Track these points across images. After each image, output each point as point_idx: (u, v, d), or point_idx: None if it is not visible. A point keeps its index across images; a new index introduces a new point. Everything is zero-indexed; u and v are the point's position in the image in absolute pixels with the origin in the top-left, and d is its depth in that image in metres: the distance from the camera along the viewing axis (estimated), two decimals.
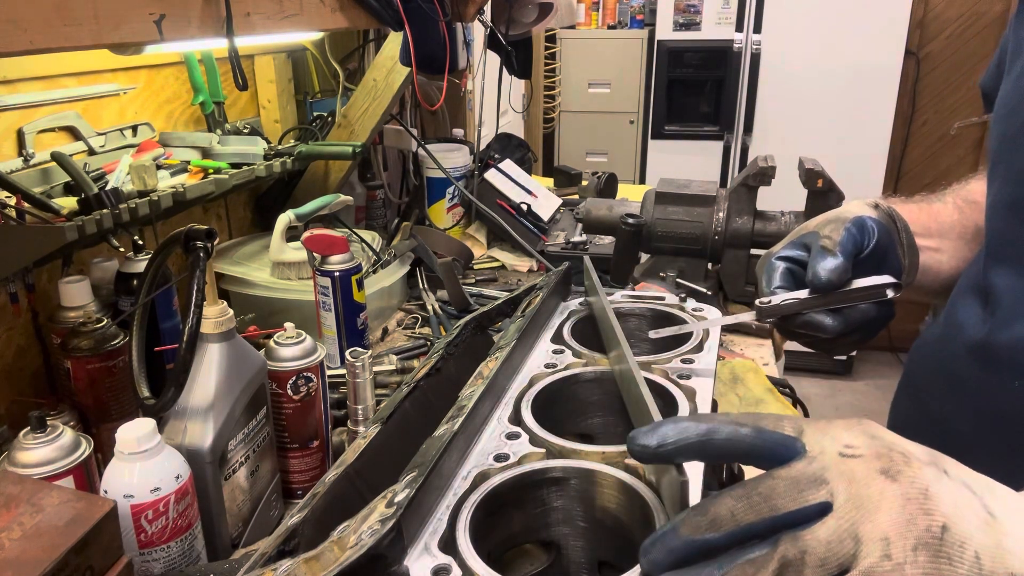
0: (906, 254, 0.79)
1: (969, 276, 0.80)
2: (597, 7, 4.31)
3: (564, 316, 0.79)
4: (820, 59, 3.48)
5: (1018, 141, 0.69)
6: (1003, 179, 0.71)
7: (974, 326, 0.74)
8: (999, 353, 0.70)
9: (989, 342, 0.71)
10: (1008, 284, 0.70)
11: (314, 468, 0.99)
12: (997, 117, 0.74)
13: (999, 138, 0.73)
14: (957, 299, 0.80)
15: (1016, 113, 0.70)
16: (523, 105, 3.29)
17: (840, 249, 0.69)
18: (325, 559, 0.42)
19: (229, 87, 1.45)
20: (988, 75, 0.86)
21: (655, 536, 0.40)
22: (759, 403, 1.13)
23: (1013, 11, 0.76)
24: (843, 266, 0.68)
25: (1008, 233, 0.71)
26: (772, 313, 0.68)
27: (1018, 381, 0.67)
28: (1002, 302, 0.70)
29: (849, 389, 3.88)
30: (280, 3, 1.04)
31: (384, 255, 1.53)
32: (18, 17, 0.66)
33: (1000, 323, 0.70)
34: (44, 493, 0.64)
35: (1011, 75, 0.73)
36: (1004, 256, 0.72)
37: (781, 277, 0.72)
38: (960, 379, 0.76)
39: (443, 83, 1.57)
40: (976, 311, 0.74)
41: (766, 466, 0.41)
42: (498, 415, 0.60)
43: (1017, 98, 0.70)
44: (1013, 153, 0.70)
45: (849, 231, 0.72)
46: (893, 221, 0.79)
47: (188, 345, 0.77)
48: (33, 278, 1.05)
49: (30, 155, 1.09)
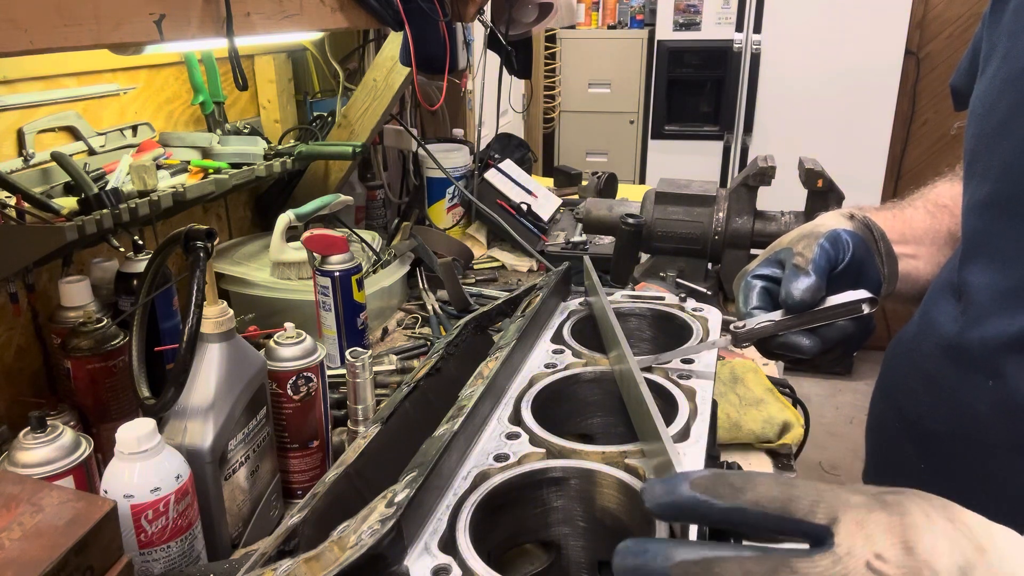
0: (885, 263, 0.78)
1: (944, 275, 0.79)
2: (597, 7, 4.31)
3: (564, 316, 0.79)
4: (820, 59, 3.48)
5: (995, 139, 0.69)
6: (980, 177, 0.71)
7: (947, 324, 0.74)
8: (972, 351, 0.70)
9: (962, 340, 0.71)
10: (982, 281, 0.70)
11: (314, 468, 0.99)
12: (973, 116, 0.73)
13: (976, 136, 0.72)
14: (931, 298, 0.80)
15: (992, 111, 0.70)
16: (523, 105, 3.29)
17: (813, 267, 0.68)
18: (325, 559, 0.42)
19: (229, 87, 1.45)
20: (959, 73, 0.85)
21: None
22: (759, 403, 1.13)
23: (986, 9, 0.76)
24: (815, 285, 0.67)
25: (984, 230, 0.71)
26: (747, 338, 0.67)
27: (992, 380, 0.67)
28: (975, 299, 0.70)
29: (849, 389, 3.88)
30: (280, 3, 1.04)
31: (384, 255, 1.53)
32: (18, 17, 0.66)
33: (973, 321, 0.70)
34: (44, 493, 0.64)
35: (986, 74, 0.73)
36: (979, 253, 0.71)
37: (757, 297, 0.71)
38: (934, 378, 0.75)
39: (443, 83, 1.57)
40: (950, 309, 0.74)
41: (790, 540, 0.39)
42: (498, 415, 0.60)
43: (993, 96, 0.70)
44: (990, 151, 0.70)
45: (822, 247, 0.71)
46: (870, 231, 0.78)
47: (188, 345, 0.77)
48: (33, 278, 1.05)
49: (30, 155, 1.09)
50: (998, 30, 0.72)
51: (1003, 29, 0.70)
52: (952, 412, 0.73)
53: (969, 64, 0.82)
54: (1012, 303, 0.66)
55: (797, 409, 1.16)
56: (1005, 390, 0.66)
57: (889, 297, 0.80)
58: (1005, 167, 0.67)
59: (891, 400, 0.85)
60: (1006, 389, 0.66)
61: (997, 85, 0.70)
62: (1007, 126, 0.67)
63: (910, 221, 0.85)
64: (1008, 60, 0.69)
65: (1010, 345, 0.65)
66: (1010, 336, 0.65)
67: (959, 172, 0.86)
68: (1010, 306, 0.66)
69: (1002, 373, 0.66)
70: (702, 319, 0.76)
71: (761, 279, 0.73)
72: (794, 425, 1.11)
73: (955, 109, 0.89)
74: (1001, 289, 0.67)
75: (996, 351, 0.67)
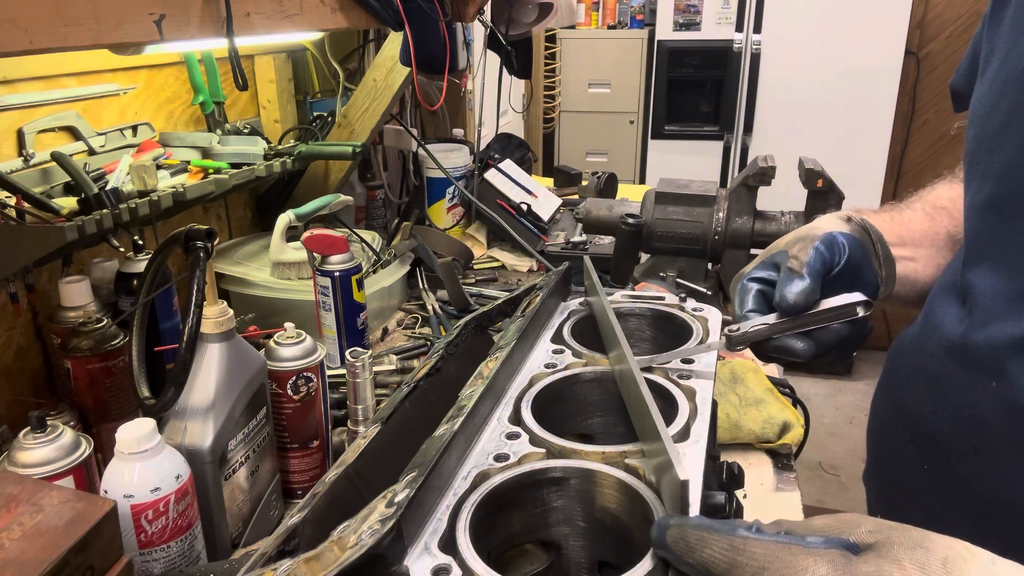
0: (883, 266, 0.78)
1: (947, 276, 0.79)
2: (597, 7, 4.32)
3: (564, 316, 0.79)
4: (820, 59, 3.48)
5: (996, 141, 0.69)
6: (981, 179, 0.71)
7: (951, 326, 0.74)
8: (976, 353, 0.70)
9: (966, 342, 0.71)
10: (986, 284, 0.70)
11: (314, 468, 0.99)
12: (974, 118, 0.73)
13: (976, 138, 0.72)
14: (935, 299, 0.80)
15: (993, 113, 0.70)
16: (523, 105, 3.29)
17: (807, 270, 0.68)
18: (325, 559, 0.42)
19: (229, 87, 1.45)
20: (959, 75, 0.85)
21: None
22: (759, 403, 1.13)
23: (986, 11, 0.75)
24: (810, 287, 0.67)
25: (987, 232, 0.71)
26: (741, 341, 0.67)
27: (995, 381, 0.67)
28: (980, 302, 0.70)
29: (849, 389, 3.88)
30: (280, 3, 1.04)
31: (384, 255, 1.53)
32: (18, 17, 0.66)
33: (977, 323, 0.70)
34: (44, 493, 0.64)
35: (986, 76, 0.73)
36: (983, 256, 0.71)
37: (753, 300, 0.71)
38: (938, 379, 0.75)
39: (443, 83, 1.57)
40: (954, 311, 0.74)
41: None
42: (498, 415, 0.60)
43: (994, 98, 0.70)
44: (991, 153, 0.70)
45: (817, 250, 0.70)
46: (867, 233, 0.78)
47: (188, 345, 0.77)
48: (33, 278, 1.05)
49: (30, 155, 1.09)
50: (998, 32, 0.72)
51: (1003, 31, 0.70)
52: (955, 413, 0.73)
53: (969, 65, 0.82)
54: (1018, 305, 0.66)
55: (797, 409, 1.16)
56: (1009, 391, 0.66)
57: (887, 300, 0.80)
58: (1007, 169, 0.67)
59: (893, 401, 0.85)
60: (1010, 390, 0.66)
61: (998, 87, 0.70)
62: (1008, 128, 0.67)
63: (908, 223, 0.85)
64: (1008, 62, 0.69)
65: (1015, 346, 0.65)
66: (1015, 337, 0.65)
67: (958, 174, 0.86)
68: (1016, 308, 0.66)
69: (1006, 374, 0.66)
70: (702, 319, 0.76)
71: (757, 282, 0.73)
72: (794, 425, 1.11)
73: (955, 110, 0.89)
74: (1007, 291, 0.67)
75: (1001, 352, 0.67)
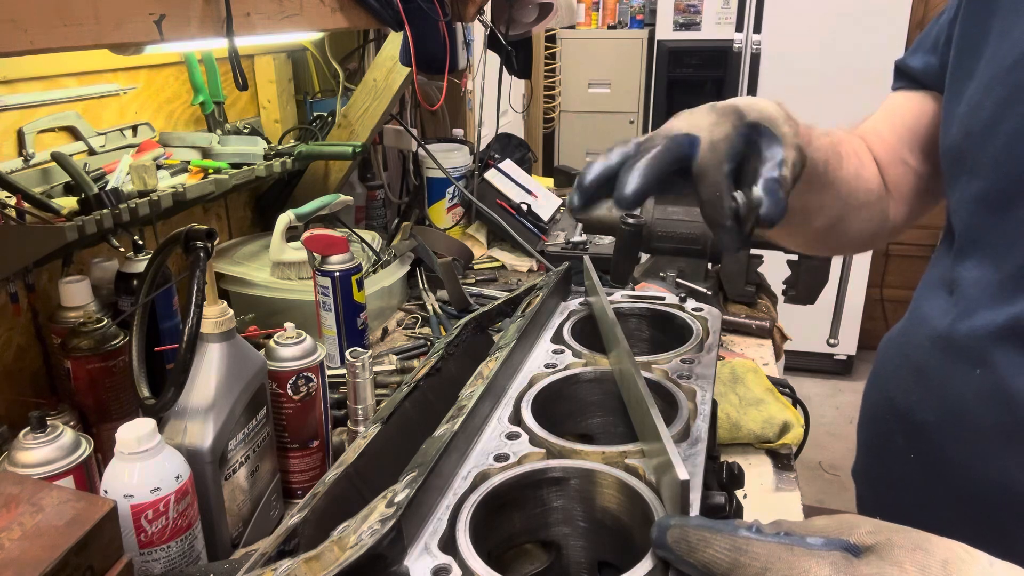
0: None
1: (935, 271, 0.81)
2: (597, 7, 4.32)
3: (564, 316, 0.79)
4: (820, 59, 3.48)
5: (983, 136, 0.70)
6: (970, 173, 0.72)
7: (938, 318, 0.75)
8: (961, 342, 0.71)
9: (952, 332, 0.72)
10: (975, 276, 0.71)
11: (314, 468, 0.99)
12: (959, 114, 0.74)
13: (964, 134, 0.73)
14: (923, 293, 0.81)
15: (978, 110, 0.71)
16: (523, 105, 3.29)
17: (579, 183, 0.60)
18: (325, 559, 0.42)
19: (229, 87, 1.45)
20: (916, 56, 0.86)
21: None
22: (759, 403, 1.13)
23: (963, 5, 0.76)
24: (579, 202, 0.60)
25: (977, 226, 0.72)
26: None
27: (979, 369, 0.68)
28: (966, 293, 0.72)
29: (849, 389, 3.88)
30: (280, 3, 1.04)
31: (384, 255, 1.53)
32: (18, 17, 0.66)
33: (963, 313, 0.71)
34: (44, 493, 0.64)
35: (971, 71, 0.73)
36: (972, 249, 0.72)
37: None
38: (924, 370, 0.77)
39: (443, 83, 1.57)
40: (941, 303, 0.76)
41: None
42: (498, 415, 0.60)
43: (979, 95, 0.71)
44: (979, 148, 0.71)
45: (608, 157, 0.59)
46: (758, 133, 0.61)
47: (188, 345, 0.77)
48: (33, 278, 1.05)
49: (30, 155, 1.09)
50: (982, 25, 0.72)
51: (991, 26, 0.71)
52: (941, 401, 0.74)
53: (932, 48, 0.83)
54: (1001, 294, 0.67)
55: (797, 409, 1.16)
56: (992, 378, 0.67)
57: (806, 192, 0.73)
58: (995, 163, 0.69)
59: (882, 393, 0.86)
60: (993, 377, 0.67)
61: (984, 83, 0.71)
62: (995, 123, 0.68)
63: None
64: (994, 60, 0.70)
65: (998, 334, 0.67)
66: (998, 326, 0.67)
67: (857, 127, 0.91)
68: (999, 297, 0.68)
69: (989, 362, 0.68)
70: (702, 319, 0.76)
71: None
72: (794, 425, 1.11)
73: (892, 88, 0.90)
74: (992, 281, 0.69)
75: (984, 340, 0.68)
